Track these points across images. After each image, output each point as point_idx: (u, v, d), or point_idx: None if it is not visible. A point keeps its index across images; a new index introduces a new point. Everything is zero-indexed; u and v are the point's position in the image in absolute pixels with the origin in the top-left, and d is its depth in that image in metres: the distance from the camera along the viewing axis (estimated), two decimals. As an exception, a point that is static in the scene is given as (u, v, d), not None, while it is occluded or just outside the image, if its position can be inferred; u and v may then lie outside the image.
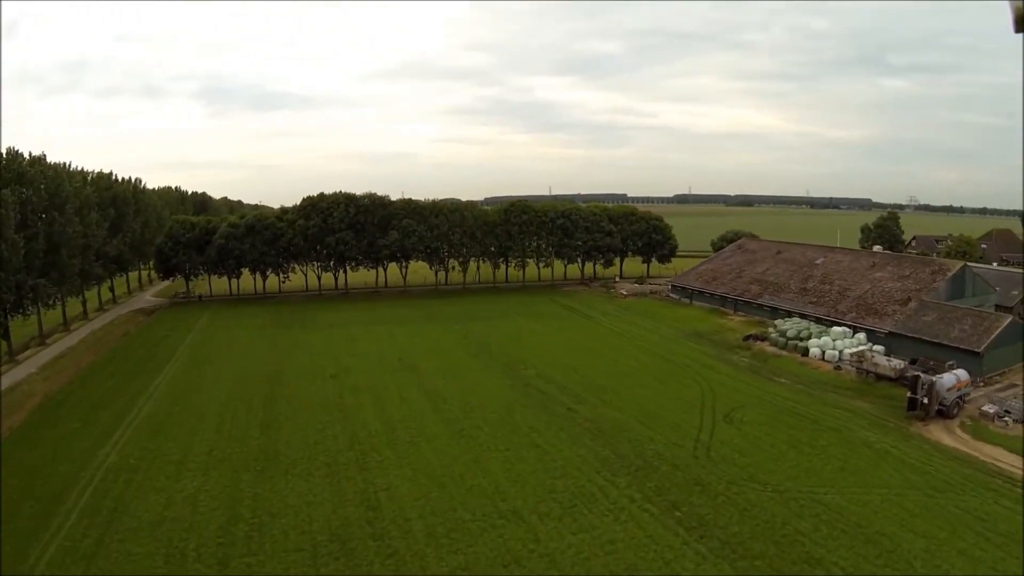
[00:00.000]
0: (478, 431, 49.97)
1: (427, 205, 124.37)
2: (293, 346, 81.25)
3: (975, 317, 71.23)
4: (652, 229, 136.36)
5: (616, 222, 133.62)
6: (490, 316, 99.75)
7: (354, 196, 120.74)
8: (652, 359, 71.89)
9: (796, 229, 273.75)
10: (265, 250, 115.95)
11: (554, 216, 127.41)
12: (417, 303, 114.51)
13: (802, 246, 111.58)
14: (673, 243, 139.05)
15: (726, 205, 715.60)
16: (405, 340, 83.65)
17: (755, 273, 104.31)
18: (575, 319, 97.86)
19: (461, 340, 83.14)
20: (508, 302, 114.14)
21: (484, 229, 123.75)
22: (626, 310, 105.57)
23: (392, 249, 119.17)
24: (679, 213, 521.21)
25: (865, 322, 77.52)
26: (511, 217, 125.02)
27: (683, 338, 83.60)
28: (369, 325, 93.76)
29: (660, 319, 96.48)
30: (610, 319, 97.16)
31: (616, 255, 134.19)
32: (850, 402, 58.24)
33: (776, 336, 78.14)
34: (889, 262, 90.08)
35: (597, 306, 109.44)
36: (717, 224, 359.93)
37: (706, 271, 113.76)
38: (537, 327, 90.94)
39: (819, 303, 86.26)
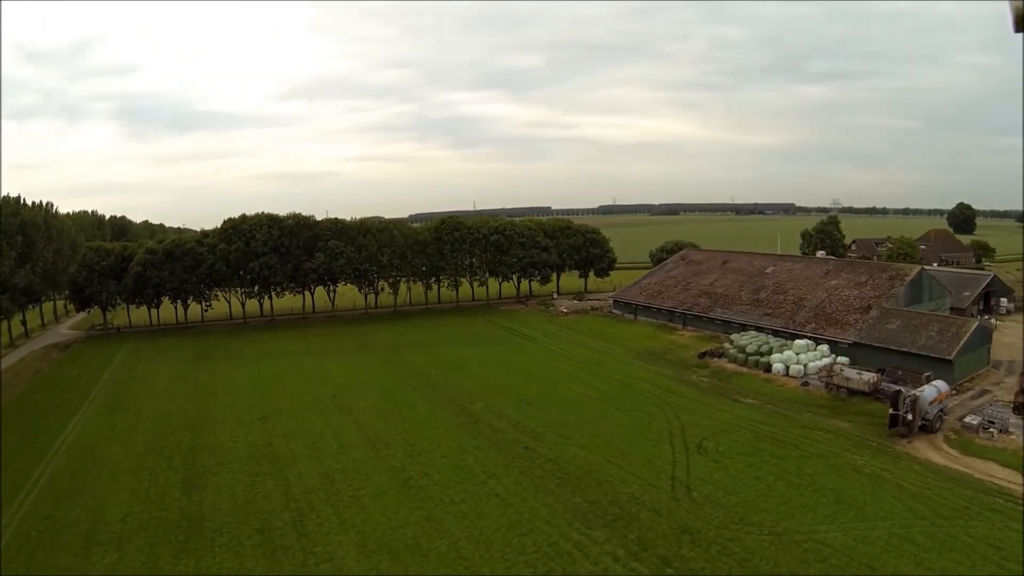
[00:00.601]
0: (428, 480, 44.44)
1: (354, 225, 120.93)
2: (217, 384, 74.58)
3: (940, 323, 70.98)
4: (589, 243, 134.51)
5: (552, 236, 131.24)
6: (427, 342, 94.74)
7: (278, 217, 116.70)
8: (607, 385, 68.11)
9: (730, 236, 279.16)
10: (185, 277, 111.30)
11: (487, 232, 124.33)
12: (348, 329, 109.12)
13: (749, 255, 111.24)
14: (611, 256, 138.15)
15: (651, 214, 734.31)
16: (338, 373, 77.70)
17: (703, 285, 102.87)
18: (517, 342, 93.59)
19: (398, 371, 77.55)
20: (444, 325, 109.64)
21: (415, 248, 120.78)
22: (569, 329, 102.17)
23: (319, 272, 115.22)
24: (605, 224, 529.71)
25: (826, 333, 76.37)
26: (442, 234, 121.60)
27: (636, 359, 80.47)
28: (298, 357, 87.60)
29: (607, 338, 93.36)
30: (555, 340, 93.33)
31: (553, 271, 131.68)
32: (827, 422, 55.93)
33: (734, 352, 75.95)
34: (843, 269, 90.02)
35: (538, 326, 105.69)
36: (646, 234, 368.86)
37: (650, 285, 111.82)
38: (478, 353, 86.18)
39: (775, 315, 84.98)
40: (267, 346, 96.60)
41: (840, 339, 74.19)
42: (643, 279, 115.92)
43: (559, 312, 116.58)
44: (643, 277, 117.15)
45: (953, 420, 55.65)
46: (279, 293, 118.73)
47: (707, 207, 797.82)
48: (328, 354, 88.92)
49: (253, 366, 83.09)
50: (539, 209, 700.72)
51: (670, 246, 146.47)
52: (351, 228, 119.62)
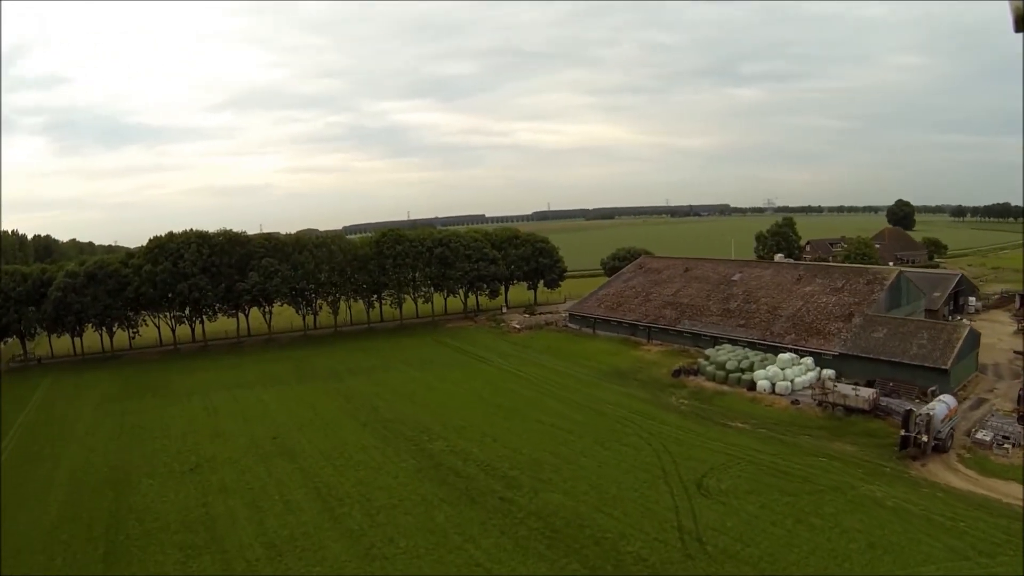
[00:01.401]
0: (394, 549, 38.47)
1: (289, 241, 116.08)
2: (145, 426, 67.64)
3: (930, 329, 69.55)
4: (538, 252, 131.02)
5: (499, 247, 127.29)
6: (372, 367, 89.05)
7: (207, 235, 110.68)
8: (579, 412, 63.64)
9: (674, 239, 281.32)
10: (109, 302, 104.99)
11: (431, 245, 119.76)
12: (286, 354, 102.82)
13: (712, 262, 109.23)
14: (561, 266, 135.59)
15: (586, 219, 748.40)
16: (278, 409, 71.07)
17: (666, 295, 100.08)
18: (471, 364, 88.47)
19: (344, 404, 71.37)
20: (389, 347, 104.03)
21: (354, 264, 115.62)
22: (525, 347, 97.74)
23: (253, 293, 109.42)
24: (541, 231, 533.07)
25: (809, 344, 74.08)
26: (383, 248, 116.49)
27: (604, 379, 76.53)
28: (233, 389, 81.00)
29: (568, 357, 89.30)
30: (511, 361, 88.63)
31: (501, 283, 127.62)
32: (828, 446, 52.93)
33: (712, 369, 72.78)
34: (816, 274, 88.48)
35: (491, 345, 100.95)
36: (585, 240, 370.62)
37: (608, 296, 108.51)
38: (430, 379, 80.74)
39: (749, 325, 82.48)
40: (199, 377, 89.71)
41: (824, 350, 71.95)
42: (600, 290, 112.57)
43: (511, 328, 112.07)
44: (599, 288, 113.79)
45: (960, 435, 53.66)
46: (211, 317, 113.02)
47: (642, 210, 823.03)
48: (266, 385, 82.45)
49: (184, 403, 76.17)
50: (473, 217, 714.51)
51: (623, 253, 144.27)
52: (286, 244, 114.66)
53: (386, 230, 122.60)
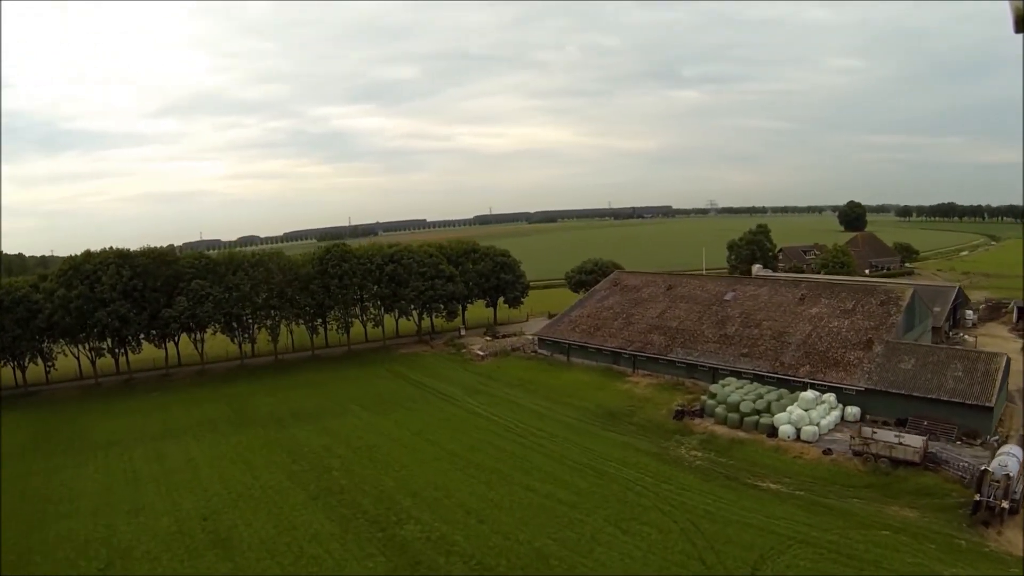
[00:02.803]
0: None
1: (222, 260, 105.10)
2: (50, 496, 56.69)
3: (963, 359, 63.27)
4: (499, 267, 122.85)
5: (456, 262, 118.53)
6: (320, 410, 78.99)
7: (129, 254, 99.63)
8: (577, 475, 54.73)
9: (637, 247, 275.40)
10: (19, 332, 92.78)
11: (381, 262, 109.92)
12: (220, 390, 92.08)
13: (698, 278, 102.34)
14: (524, 282, 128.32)
15: (528, 223, 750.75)
16: (209, 472, 60.21)
17: (650, 317, 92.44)
18: (434, 404, 79.11)
19: (289, 464, 60.94)
20: (337, 380, 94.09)
21: (295, 284, 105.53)
22: (492, 379, 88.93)
23: (182, 320, 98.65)
24: (481, 235, 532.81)
25: (827, 377, 67.05)
26: (328, 267, 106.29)
27: (595, 424, 68.12)
28: (159, 440, 70.27)
29: (546, 393, 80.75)
30: (480, 399, 79.60)
31: (459, 303, 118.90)
32: (885, 511, 45.61)
33: (720, 409, 65.05)
34: (821, 293, 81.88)
35: (453, 377, 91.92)
36: (535, 246, 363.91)
37: (582, 318, 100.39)
38: (389, 426, 71.08)
39: (754, 355, 75.20)
40: (122, 422, 78.54)
41: (847, 385, 64.99)
42: (572, 311, 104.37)
43: (474, 355, 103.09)
44: (572, 308, 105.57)
45: None
46: (134, 348, 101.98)
47: (585, 213, 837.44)
48: (197, 434, 71.88)
49: (101, 459, 65.27)
50: (415, 222, 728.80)
51: (589, 266, 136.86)
52: (218, 264, 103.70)
53: (330, 245, 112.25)
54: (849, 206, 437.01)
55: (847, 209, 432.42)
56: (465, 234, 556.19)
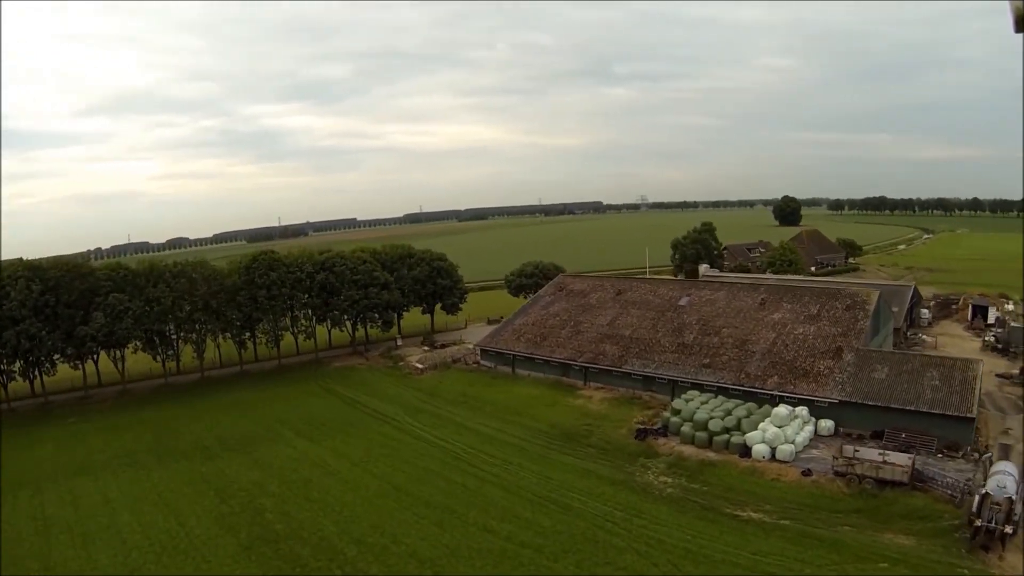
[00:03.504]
0: None
1: (142, 270, 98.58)
2: None
3: (938, 367, 62.48)
4: (436, 272, 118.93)
5: (391, 268, 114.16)
6: (250, 436, 73.66)
7: (39, 267, 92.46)
8: (539, 511, 50.81)
9: (576, 246, 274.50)
10: None
11: (312, 270, 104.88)
12: (143, 414, 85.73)
13: (648, 282, 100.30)
14: (462, 287, 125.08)
15: (459, 220, 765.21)
16: (129, 518, 54.10)
17: (600, 325, 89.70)
18: (374, 428, 74.40)
19: (218, 505, 55.46)
20: (267, 400, 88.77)
21: (221, 296, 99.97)
22: (434, 396, 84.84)
23: (99, 338, 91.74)
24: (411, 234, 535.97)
25: (798, 389, 65.26)
26: (255, 276, 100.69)
27: (550, 447, 64.63)
28: (73, 478, 63.99)
29: (493, 411, 77.00)
30: (423, 420, 75.35)
31: (395, 311, 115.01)
32: (879, 540, 43.61)
33: (686, 428, 62.44)
34: (782, 297, 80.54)
35: (392, 393, 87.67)
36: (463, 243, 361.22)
37: (526, 327, 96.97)
38: (325, 455, 66.08)
39: (716, 365, 73.08)
40: (34, 454, 72.77)
41: (819, 397, 63.32)
42: (516, 318, 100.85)
43: (412, 368, 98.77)
44: (515, 316, 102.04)
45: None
46: (48, 371, 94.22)
47: (515, 210, 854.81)
48: (116, 469, 65.74)
49: (9, 504, 58.77)
50: (345, 221, 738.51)
51: (530, 269, 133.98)
52: (138, 275, 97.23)
53: (257, 253, 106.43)
54: (784, 201, 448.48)
55: (782, 204, 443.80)
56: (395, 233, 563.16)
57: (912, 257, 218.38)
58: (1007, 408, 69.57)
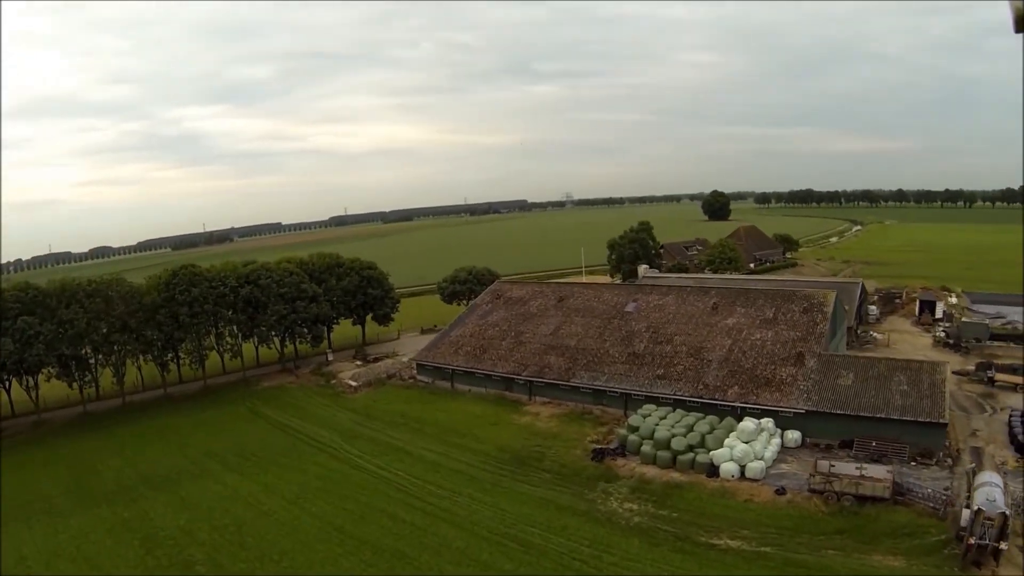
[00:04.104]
0: None
1: (54, 291, 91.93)
2: None
3: (905, 370, 62.04)
4: (366, 282, 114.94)
5: (319, 279, 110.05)
6: (175, 472, 68.15)
7: None
8: (499, 553, 47.18)
9: (509, 247, 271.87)
10: None
11: (236, 284, 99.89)
12: (58, 449, 79.15)
13: (591, 287, 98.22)
14: (394, 296, 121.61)
15: (384, 222, 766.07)
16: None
17: (543, 335, 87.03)
18: (309, 457, 69.65)
19: (143, 557, 50.37)
20: (192, 427, 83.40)
21: (140, 316, 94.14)
22: (371, 418, 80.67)
23: (8, 366, 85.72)
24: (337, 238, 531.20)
25: (759, 399, 63.73)
26: (175, 292, 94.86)
27: (501, 473, 61.31)
28: None
29: (435, 433, 73.28)
30: (363, 447, 70.96)
31: (325, 325, 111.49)
32: (869, 561, 42.63)
33: (647, 447, 60.03)
34: (735, 300, 79.28)
35: (325, 416, 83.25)
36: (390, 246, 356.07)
37: (465, 338, 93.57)
38: (257, 492, 61.14)
39: (671, 376, 71.08)
40: None
41: (784, 407, 61.88)
42: (452, 329, 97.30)
43: (346, 386, 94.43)
44: (451, 327, 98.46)
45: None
46: None
47: (441, 210, 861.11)
48: (29, 518, 59.44)
49: None
50: (270, 226, 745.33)
51: (463, 275, 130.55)
52: (48, 296, 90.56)
53: (177, 267, 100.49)
54: (713, 195, 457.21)
55: (711, 198, 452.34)
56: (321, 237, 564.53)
57: (847, 250, 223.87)
58: (969, 407, 69.99)
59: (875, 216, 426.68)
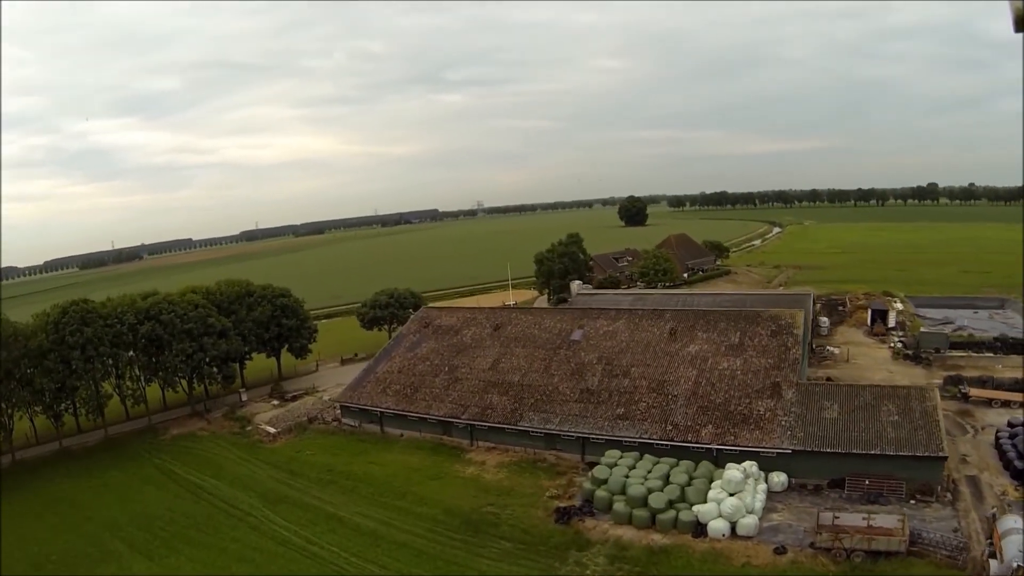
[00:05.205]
0: None
1: None
2: None
3: (892, 398, 58.82)
4: (280, 311, 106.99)
5: (228, 310, 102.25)
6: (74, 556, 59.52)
7: None
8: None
9: (431, 262, 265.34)
10: None
11: (134, 321, 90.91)
12: None
13: (531, 313, 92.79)
14: (311, 326, 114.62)
15: (296, 235, 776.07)
16: None
17: (482, 370, 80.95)
18: (225, 530, 61.63)
19: None
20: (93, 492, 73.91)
21: (26, 361, 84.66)
22: (295, 474, 73.08)
23: None
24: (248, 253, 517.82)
25: (738, 439, 59.05)
26: (66, 334, 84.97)
27: (453, 543, 54.76)
28: None
29: (370, 492, 66.21)
30: (287, 514, 63.20)
31: (236, 362, 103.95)
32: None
33: (618, 504, 54.43)
34: (694, 324, 74.86)
35: (242, 473, 75.16)
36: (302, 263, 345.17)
37: (392, 375, 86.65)
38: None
39: (634, 416, 65.73)
40: None
41: (767, 448, 57.36)
42: (378, 364, 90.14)
43: (263, 434, 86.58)
44: (376, 362, 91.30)
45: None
46: None
47: (352, 222, 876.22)
48: None
49: None
50: (180, 242, 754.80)
51: (383, 299, 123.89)
52: None
53: (67, 305, 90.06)
54: (629, 200, 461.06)
55: (627, 203, 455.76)
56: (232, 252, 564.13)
57: (775, 254, 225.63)
58: (950, 427, 67.16)
59: (792, 217, 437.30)
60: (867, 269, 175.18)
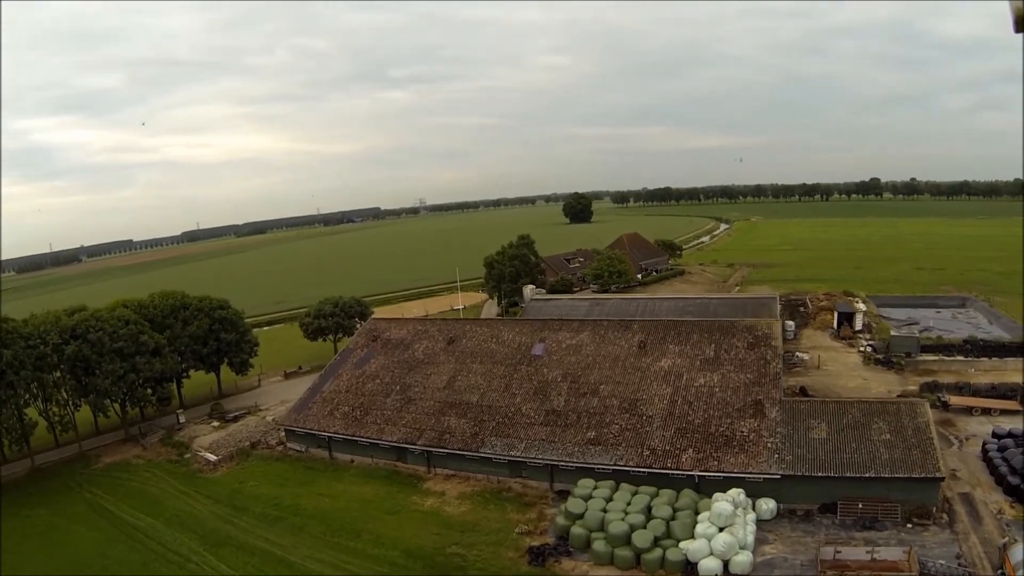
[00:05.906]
0: None
1: None
2: None
3: (882, 415, 56.37)
4: (218, 324, 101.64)
5: (162, 326, 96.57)
6: None
7: None
8: None
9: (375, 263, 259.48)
10: None
11: (59, 341, 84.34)
12: None
13: (485, 324, 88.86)
14: (252, 339, 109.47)
15: (237, 236, 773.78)
16: None
17: (437, 389, 76.54)
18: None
19: None
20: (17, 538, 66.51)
21: None
22: (239, 508, 67.40)
23: None
24: (190, 254, 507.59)
25: (722, 464, 55.64)
26: None
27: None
28: None
29: (320, 531, 60.86)
30: (231, 559, 57.49)
31: (172, 381, 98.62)
32: None
33: (597, 542, 50.57)
34: (665, 336, 71.46)
35: (181, 511, 68.88)
36: (242, 265, 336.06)
37: (340, 394, 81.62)
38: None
39: (606, 440, 61.83)
40: None
41: (753, 474, 54.15)
42: (324, 383, 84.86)
43: (203, 462, 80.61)
44: (323, 380, 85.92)
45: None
46: None
47: (295, 221, 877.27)
48: None
49: None
50: (121, 243, 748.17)
51: (328, 308, 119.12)
52: None
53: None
54: (574, 198, 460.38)
55: (572, 200, 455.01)
56: (174, 253, 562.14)
57: (726, 252, 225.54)
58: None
59: (739, 212, 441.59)
60: (822, 267, 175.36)
